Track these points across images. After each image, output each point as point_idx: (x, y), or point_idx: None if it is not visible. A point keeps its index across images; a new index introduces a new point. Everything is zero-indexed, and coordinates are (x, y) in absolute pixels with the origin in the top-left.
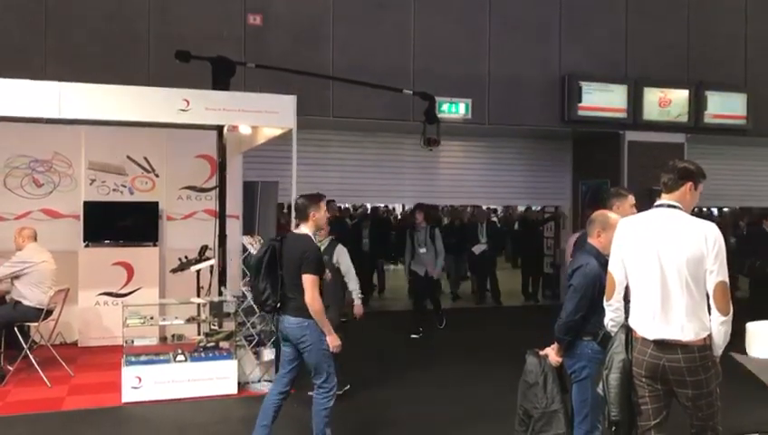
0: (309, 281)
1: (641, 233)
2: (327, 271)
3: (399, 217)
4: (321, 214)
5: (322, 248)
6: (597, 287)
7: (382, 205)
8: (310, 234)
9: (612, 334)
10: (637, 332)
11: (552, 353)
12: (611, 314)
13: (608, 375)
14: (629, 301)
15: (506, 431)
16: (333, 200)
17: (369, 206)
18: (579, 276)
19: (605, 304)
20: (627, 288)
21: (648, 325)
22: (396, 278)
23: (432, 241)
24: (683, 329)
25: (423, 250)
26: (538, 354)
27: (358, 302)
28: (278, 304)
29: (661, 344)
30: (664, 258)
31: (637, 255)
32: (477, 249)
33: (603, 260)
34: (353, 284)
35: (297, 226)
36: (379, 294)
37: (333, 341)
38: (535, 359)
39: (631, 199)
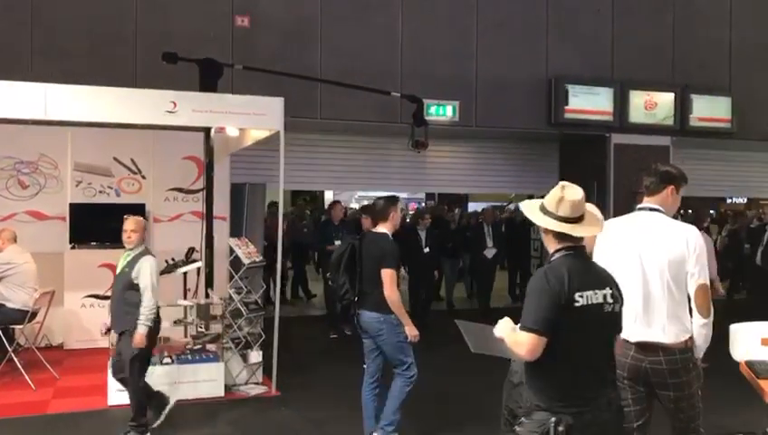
0: (388, 275)
1: (623, 236)
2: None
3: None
4: (398, 214)
5: (126, 260)
6: None
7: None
8: (388, 233)
9: None
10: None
11: None
12: None
13: None
14: None
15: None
16: (339, 202)
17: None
18: None
19: None
20: None
21: (630, 328)
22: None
23: None
24: (664, 331)
25: None
26: None
27: (141, 329)
28: (356, 299)
29: (643, 346)
30: (645, 261)
31: (618, 257)
32: (489, 253)
33: None
34: (145, 306)
35: (375, 225)
36: None
37: (411, 331)
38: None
39: None
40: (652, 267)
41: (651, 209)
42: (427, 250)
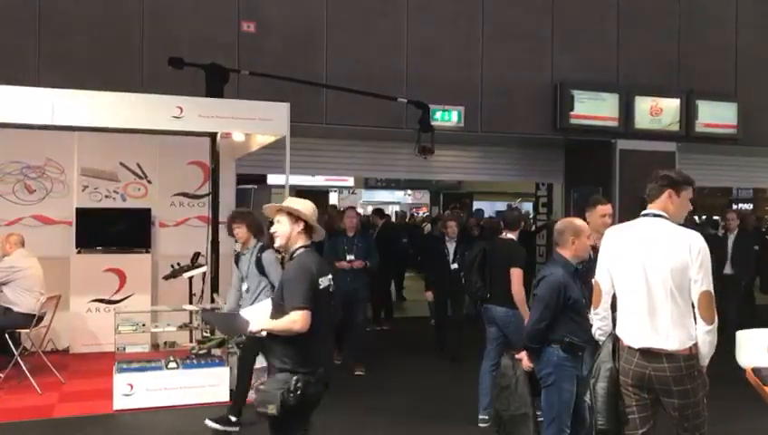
0: (516, 274)
1: (627, 242)
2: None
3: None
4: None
5: None
6: (561, 296)
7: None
8: (515, 238)
9: (600, 343)
10: (623, 340)
11: (525, 358)
12: (599, 323)
13: (595, 384)
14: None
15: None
16: (353, 207)
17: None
18: (542, 286)
19: (592, 312)
20: (614, 297)
21: (634, 334)
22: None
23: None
24: (668, 338)
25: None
26: (513, 357)
27: None
28: (488, 295)
29: (647, 353)
30: (649, 267)
31: (622, 264)
32: None
33: (572, 269)
34: None
35: (502, 232)
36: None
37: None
38: (510, 362)
39: (602, 210)
40: (655, 274)
41: (654, 215)
42: (455, 266)
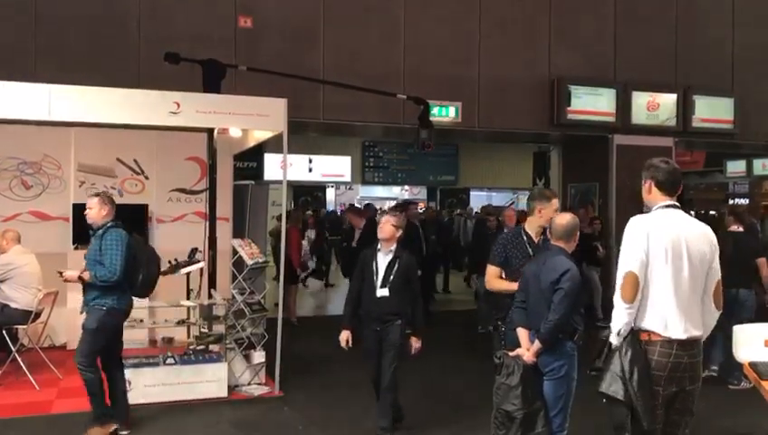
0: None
1: (663, 234)
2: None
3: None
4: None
5: None
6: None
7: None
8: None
9: (618, 341)
10: (659, 333)
11: (529, 354)
12: (628, 319)
13: (635, 386)
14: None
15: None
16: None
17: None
18: (569, 280)
19: (626, 306)
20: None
21: (677, 325)
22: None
23: None
24: (701, 325)
25: None
26: (507, 355)
27: None
28: None
29: (684, 343)
30: (689, 258)
31: (663, 255)
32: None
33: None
34: None
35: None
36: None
37: None
38: (513, 361)
39: (555, 203)
40: (696, 264)
41: (675, 207)
42: (385, 293)
